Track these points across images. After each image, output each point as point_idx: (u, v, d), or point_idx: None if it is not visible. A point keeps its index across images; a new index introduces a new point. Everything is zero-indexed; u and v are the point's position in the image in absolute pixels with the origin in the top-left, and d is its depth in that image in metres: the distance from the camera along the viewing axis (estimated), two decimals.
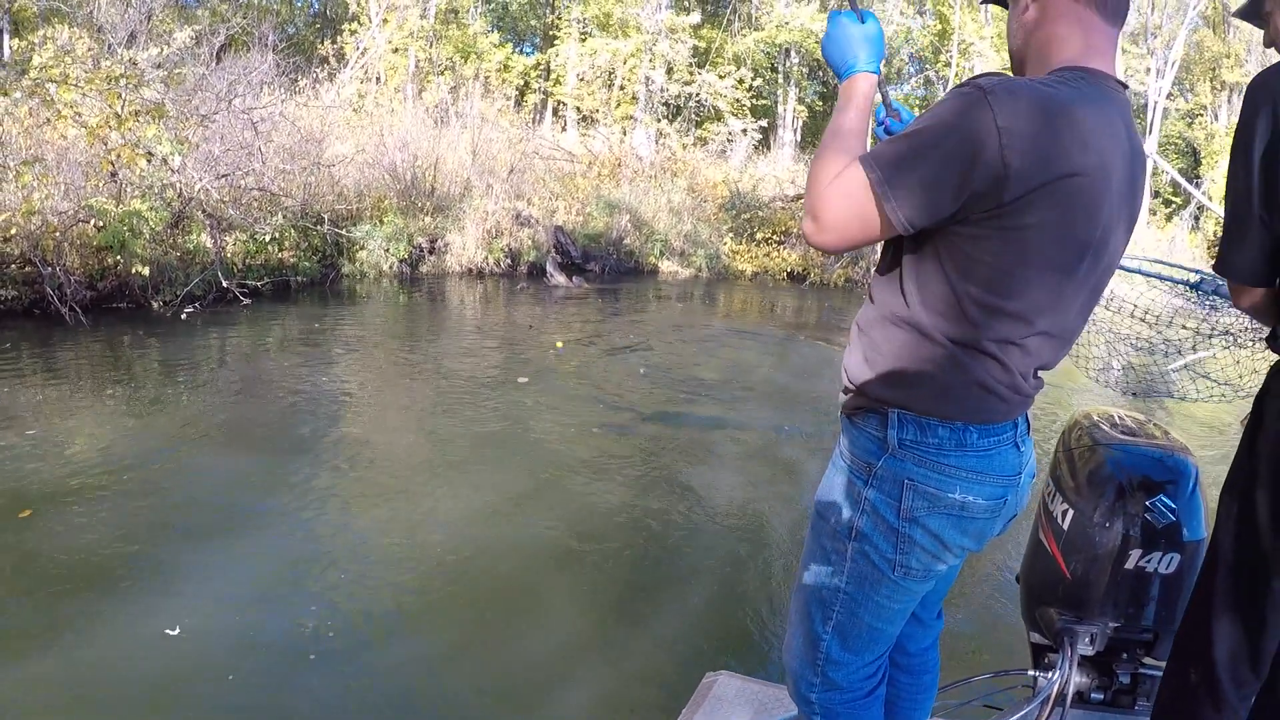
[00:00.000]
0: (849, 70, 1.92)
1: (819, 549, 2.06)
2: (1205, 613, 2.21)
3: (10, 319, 10.61)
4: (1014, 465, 1.92)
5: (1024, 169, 1.62)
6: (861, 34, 1.93)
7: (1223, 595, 2.17)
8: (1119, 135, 1.75)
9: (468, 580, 5.06)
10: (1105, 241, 1.79)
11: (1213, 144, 34.00)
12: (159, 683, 3.95)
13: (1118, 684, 2.72)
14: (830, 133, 1.89)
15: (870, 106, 1.94)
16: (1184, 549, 2.51)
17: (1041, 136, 1.63)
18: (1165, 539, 2.51)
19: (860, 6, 1.98)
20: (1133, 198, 1.84)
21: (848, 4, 2.05)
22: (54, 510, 5.59)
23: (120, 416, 7.55)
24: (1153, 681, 2.69)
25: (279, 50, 21.35)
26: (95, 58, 10.03)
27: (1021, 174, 1.62)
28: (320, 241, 15.48)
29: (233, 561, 5.13)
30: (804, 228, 1.83)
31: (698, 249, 21.03)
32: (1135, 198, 1.85)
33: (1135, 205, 1.87)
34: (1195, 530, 2.52)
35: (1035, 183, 1.63)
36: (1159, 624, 2.59)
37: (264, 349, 10.50)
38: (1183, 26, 32.44)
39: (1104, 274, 1.89)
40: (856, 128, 1.90)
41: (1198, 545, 2.51)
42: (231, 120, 14.03)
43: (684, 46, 31.56)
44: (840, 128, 1.89)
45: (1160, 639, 2.62)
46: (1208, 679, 2.21)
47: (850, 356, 1.98)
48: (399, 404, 8.46)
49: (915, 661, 2.39)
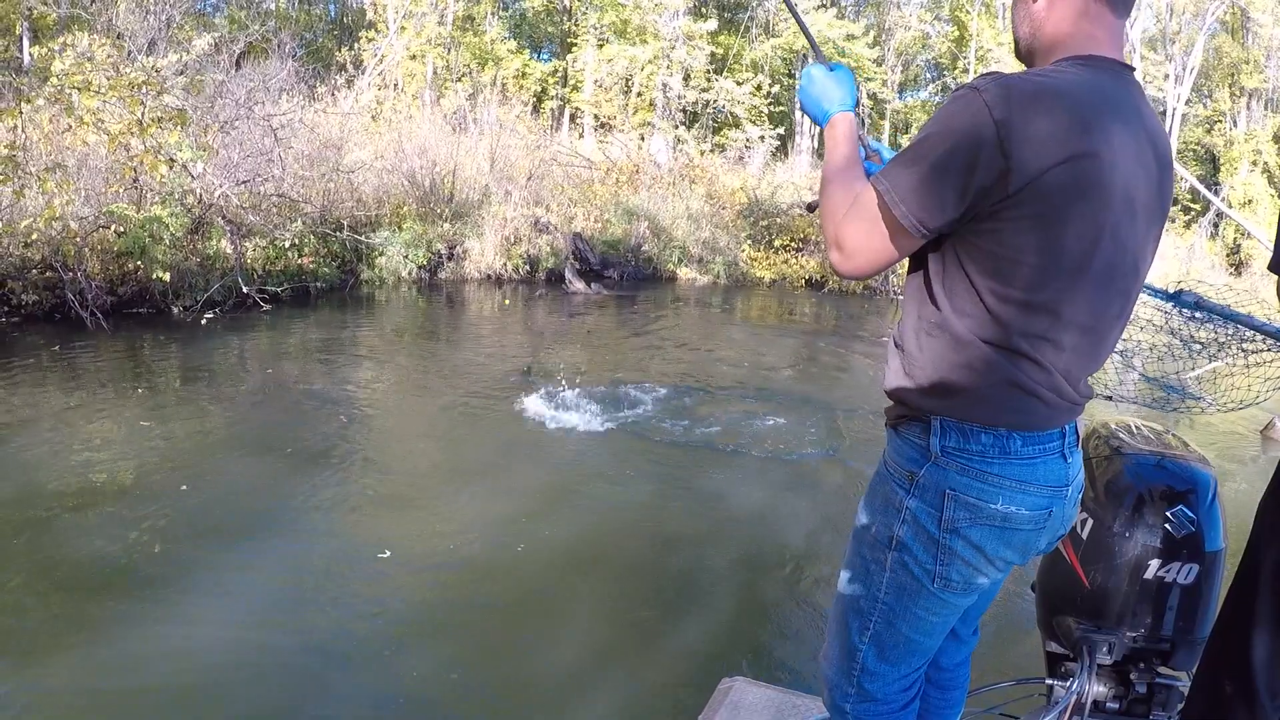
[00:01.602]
0: (827, 115, 2.04)
1: (859, 558, 2.06)
2: (1243, 623, 2.19)
3: (32, 324, 10.70)
4: (1060, 476, 1.90)
5: (1024, 159, 1.65)
6: (833, 79, 2.06)
7: (1264, 606, 2.16)
8: (1128, 118, 1.76)
9: (487, 587, 5.08)
10: (1122, 227, 1.78)
11: (1232, 150, 33.78)
12: (180, 684, 3.98)
13: (1134, 693, 2.70)
14: (828, 173, 1.97)
15: (855, 141, 2.02)
16: (1203, 559, 2.50)
17: (1038, 125, 1.66)
18: (1185, 549, 2.49)
19: (826, 59, 2.11)
20: (1152, 184, 1.83)
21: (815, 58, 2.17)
22: (75, 513, 5.63)
23: (141, 421, 7.59)
24: (1168, 691, 2.67)
25: (297, 58, 21.48)
26: (116, 64, 10.06)
27: (1022, 164, 1.65)
28: (339, 248, 15.55)
29: (254, 566, 5.16)
30: (831, 260, 1.89)
31: (716, 256, 21.01)
32: (1156, 182, 1.84)
33: (1158, 191, 1.85)
34: (1214, 541, 2.51)
35: (1037, 170, 1.66)
36: (1177, 634, 2.57)
37: (284, 355, 10.55)
38: (1201, 32, 32.28)
39: (1132, 271, 1.87)
40: (851, 161, 1.98)
41: (1216, 556, 2.51)
42: (251, 127, 14.14)
43: (701, 53, 31.59)
44: (836, 165, 1.97)
45: (1177, 649, 2.60)
46: (1244, 690, 2.19)
47: (889, 368, 1.99)
48: (418, 411, 8.48)
49: (947, 676, 2.38)
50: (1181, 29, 33.51)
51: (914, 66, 43.00)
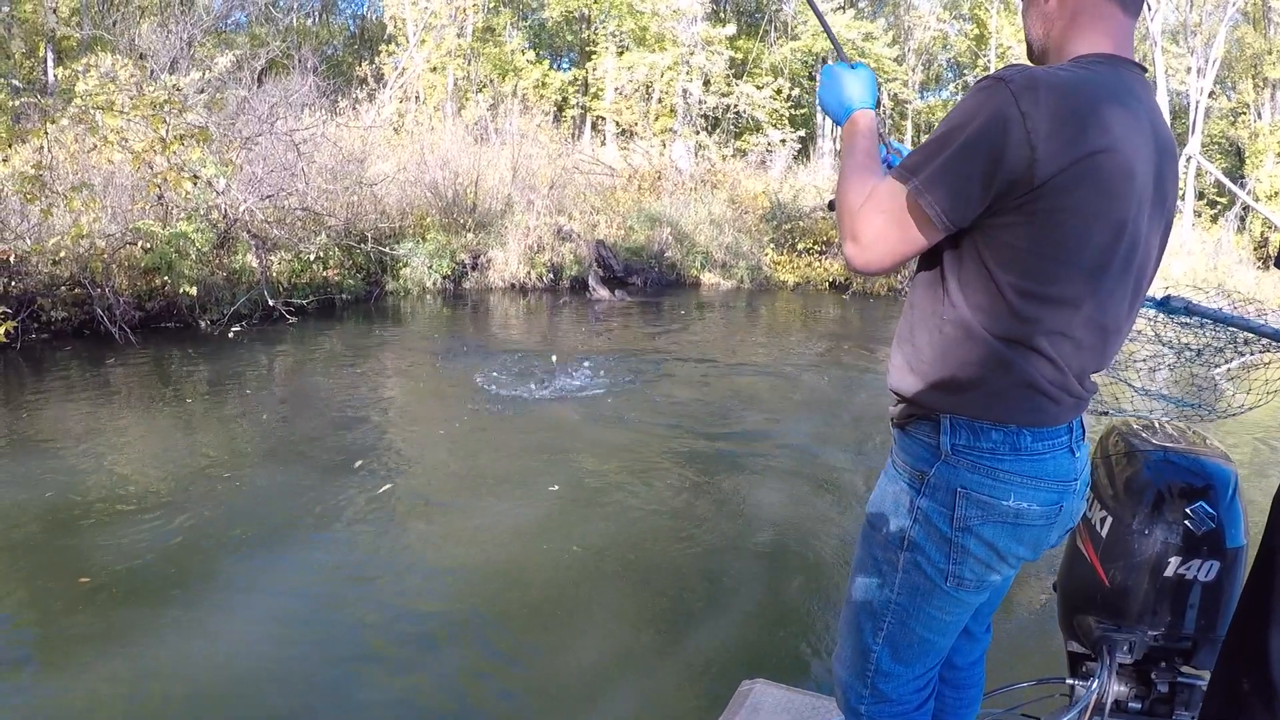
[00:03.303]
0: (847, 110, 2.04)
1: (870, 559, 2.06)
2: (1261, 619, 2.17)
3: (62, 339, 10.84)
4: (1069, 470, 1.90)
5: (1050, 151, 1.65)
6: (854, 77, 2.07)
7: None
8: (1140, 118, 1.76)
9: (513, 591, 5.09)
10: (1139, 225, 1.79)
11: (1257, 143, 33.41)
12: (206, 691, 4.02)
13: (1155, 693, 2.67)
14: (845, 167, 1.96)
15: (875, 137, 2.01)
16: (1224, 556, 2.47)
17: (1064, 118, 1.65)
18: (1206, 546, 2.47)
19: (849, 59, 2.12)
20: (1161, 184, 1.83)
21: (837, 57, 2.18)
22: (105, 523, 5.70)
23: (170, 432, 7.66)
24: (1190, 690, 2.65)
25: (318, 72, 21.60)
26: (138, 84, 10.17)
27: (1048, 156, 1.65)
28: (364, 260, 15.65)
29: (280, 573, 5.21)
30: (846, 253, 1.86)
31: (739, 260, 20.97)
32: (1165, 184, 1.85)
33: (1166, 192, 1.86)
34: (1235, 537, 2.48)
35: (1062, 163, 1.66)
36: (1198, 632, 2.54)
37: (310, 366, 10.62)
38: (1223, 24, 31.92)
39: (1144, 268, 1.87)
40: (870, 155, 1.97)
41: (1238, 552, 2.48)
42: (274, 142, 14.25)
43: (721, 58, 31.55)
44: (854, 159, 1.96)
45: (1199, 647, 2.57)
46: (1262, 688, 2.16)
47: (894, 366, 1.98)
48: (443, 419, 8.51)
49: (962, 675, 2.38)
50: (1202, 20, 33.18)
51: (935, 66, 42.80)
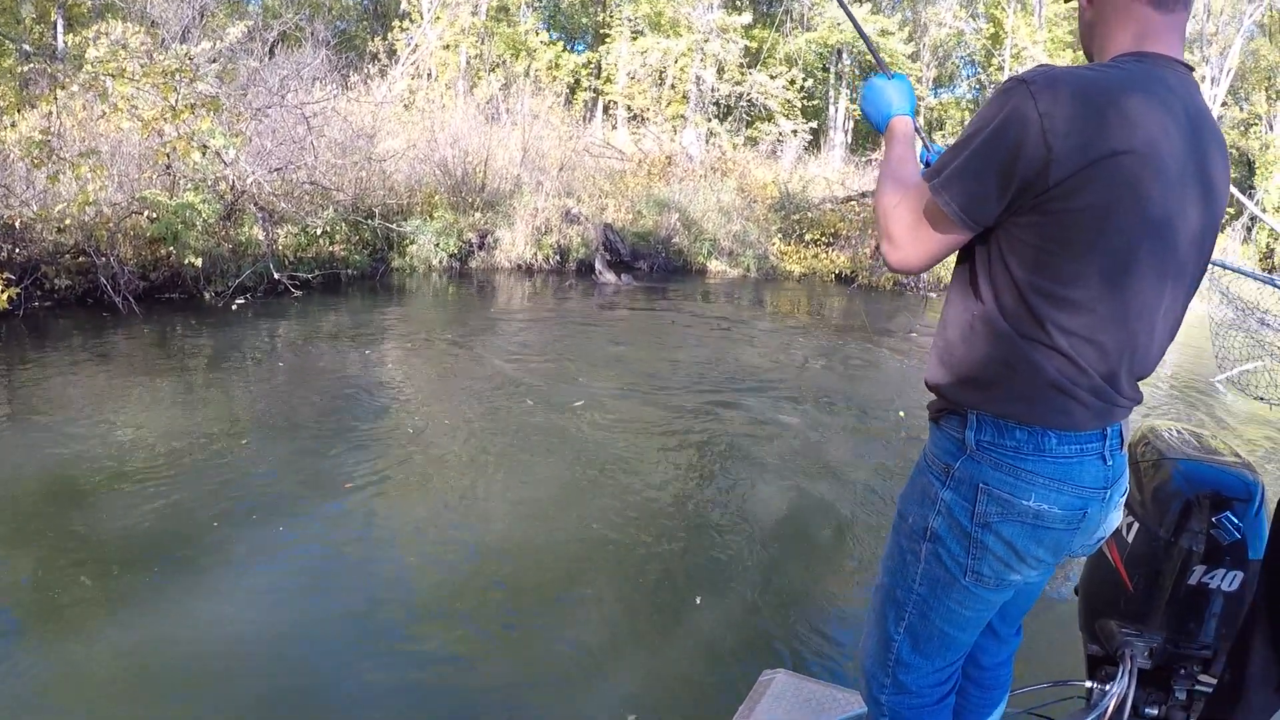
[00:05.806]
0: (887, 116, 2.17)
1: (897, 549, 2.10)
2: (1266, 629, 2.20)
3: (65, 308, 10.81)
4: (1098, 478, 1.89)
5: (1066, 151, 1.66)
6: (893, 87, 2.20)
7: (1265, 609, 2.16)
8: (1174, 114, 1.75)
9: (516, 573, 5.07)
10: (1174, 223, 1.77)
11: (1267, 154, 33.35)
12: (205, 660, 4.01)
13: (1174, 699, 2.70)
14: (883, 170, 2.03)
15: (913, 141, 2.13)
16: (1248, 567, 2.49)
17: (1082, 119, 1.67)
18: (1230, 556, 2.48)
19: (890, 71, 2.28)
20: (1205, 179, 1.82)
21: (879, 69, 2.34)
22: (107, 493, 5.69)
23: (172, 404, 7.63)
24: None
25: (331, 46, 21.56)
26: (149, 52, 10.11)
27: (1064, 156, 1.66)
28: (371, 236, 15.64)
29: (280, 546, 5.20)
30: (882, 251, 1.94)
31: (746, 249, 20.96)
32: (1209, 179, 1.83)
33: (1211, 186, 1.84)
34: (1259, 549, 2.48)
35: (1078, 164, 1.67)
36: (1219, 641, 2.57)
37: (314, 341, 10.58)
38: (1238, 34, 31.92)
39: (1184, 266, 1.85)
40: (906, 159, 2.06)
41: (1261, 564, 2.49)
42: (284, 115, 14.20)
43: (735, 46, 31.47)
44: (892, 163, 2.05)
45: (1218, 656, 2.59)
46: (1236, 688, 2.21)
47: (931, 360, 2.02)
48: (446, 397, 8.49)
49: (988, 676, 2.40)
50: (1219, 30, 33.13)
51: (950, 63, 42.77)
